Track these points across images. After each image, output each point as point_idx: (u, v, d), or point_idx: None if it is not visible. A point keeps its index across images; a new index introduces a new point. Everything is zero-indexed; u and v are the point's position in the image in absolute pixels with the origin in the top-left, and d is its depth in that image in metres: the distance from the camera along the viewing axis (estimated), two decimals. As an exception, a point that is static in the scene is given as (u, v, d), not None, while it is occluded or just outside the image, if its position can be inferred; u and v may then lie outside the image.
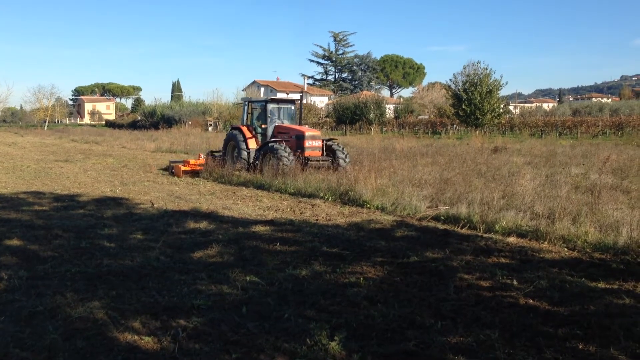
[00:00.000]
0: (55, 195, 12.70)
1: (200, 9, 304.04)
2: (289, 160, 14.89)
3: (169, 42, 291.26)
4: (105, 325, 4.80)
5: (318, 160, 15.73)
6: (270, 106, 17.19)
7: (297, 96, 19.93)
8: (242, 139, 16.95)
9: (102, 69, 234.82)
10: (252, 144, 16.93)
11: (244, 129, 17.30)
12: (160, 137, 38.50)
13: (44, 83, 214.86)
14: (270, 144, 15.90)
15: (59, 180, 15.99)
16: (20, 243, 7.84)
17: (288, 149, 15.36)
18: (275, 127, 16.89)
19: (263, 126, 17.06)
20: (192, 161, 18.08)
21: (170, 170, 17.79)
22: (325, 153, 16.22)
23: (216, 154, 18.45)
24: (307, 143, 15.81)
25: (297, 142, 15.84)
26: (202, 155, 18.69)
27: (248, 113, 18.02)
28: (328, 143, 16.46)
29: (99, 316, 5.00)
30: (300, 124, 17.93)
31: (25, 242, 7.87)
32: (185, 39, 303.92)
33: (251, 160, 16.53)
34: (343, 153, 16.16)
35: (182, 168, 17.32)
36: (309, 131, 16.36)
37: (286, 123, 17.36)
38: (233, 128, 18.17)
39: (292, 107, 18.08)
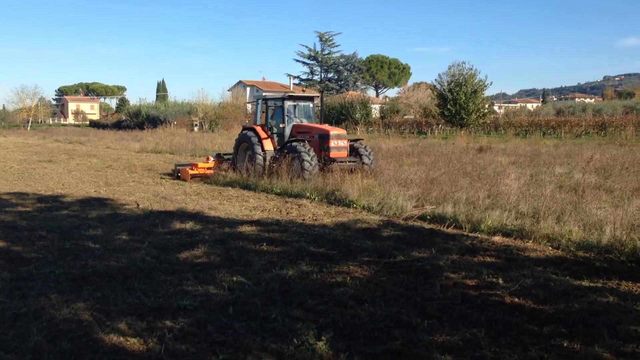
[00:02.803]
0: (38, 196, 12.55)
1: (186, 10, 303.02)
2: (310, 162, 13.75)
3: (154, 43, 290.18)
4: (90, 326, 4.76)
5: (345, 162, 14.33)
6: (287, 104, 15.92)
7: (316, 93, 19.09)
8: (257, 140, 15.55)
9: (86, 68, 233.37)
10: (268, 146, 15.56)
11: (258, 129, 15.90)
12: (145, 138, 38.25)
13: (26, 83, 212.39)
14: (290, 144, 14.78)
15: (42, 180, 15.80)
16: (3, 244, 7.74)
17: (308, 146, 14.18)
18: (294, 126, 15.64)
19: (281, 125, 15.73)
20: (200, 164, 16.75)
21: (175, 174, 16.62)
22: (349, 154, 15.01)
23: (226, 156, 17.31)
24: (333, 143, 14.45)
25: (321, 142, 14.54)
26: (210, 158, 17.42)
27: (262, 112, 16.64)
28: (350, 143, 15.20)
29: (84, 318, 4.95)
30: (321, 122, 16.98)
31: (9, 244, 7.77)
32: (170, 39, 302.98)
33: (267, 163, 15.06)
34: (367, 151, 14.98)
35: (190, 172, 16.17)
36: (334, 130, 14.95)
37: (305, 122, 16.13)
38: (245, 128, 16.54)
39: (310, 105, 16.77)
